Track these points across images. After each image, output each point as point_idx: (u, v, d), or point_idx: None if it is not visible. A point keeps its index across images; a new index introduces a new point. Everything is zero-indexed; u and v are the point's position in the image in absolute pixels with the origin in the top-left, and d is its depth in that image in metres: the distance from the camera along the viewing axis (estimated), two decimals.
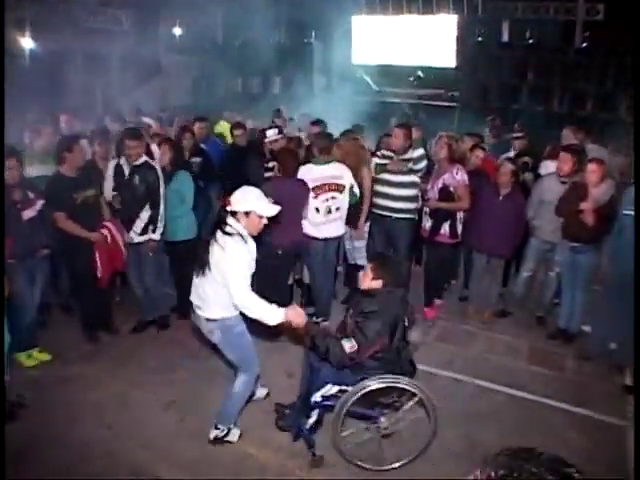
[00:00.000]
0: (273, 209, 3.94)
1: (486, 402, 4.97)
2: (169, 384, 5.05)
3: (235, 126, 7.71)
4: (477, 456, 3.70)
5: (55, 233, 5.29)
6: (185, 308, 5.75)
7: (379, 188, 6.38)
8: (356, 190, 6.07)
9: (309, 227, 5.91)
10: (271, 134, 6.93)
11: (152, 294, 6.02)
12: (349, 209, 6.09)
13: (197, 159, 6.92)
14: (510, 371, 5.45)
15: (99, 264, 5.59)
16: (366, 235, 6.60)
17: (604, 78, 16.33)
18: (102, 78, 20.04)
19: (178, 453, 4.20)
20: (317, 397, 4.07)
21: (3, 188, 4.03)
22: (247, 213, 3.87)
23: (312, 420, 4.24)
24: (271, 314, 3.71)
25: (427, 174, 6.36)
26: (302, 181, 5.69)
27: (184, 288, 5.24)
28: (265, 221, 3.96)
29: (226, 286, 3.77)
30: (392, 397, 4.00)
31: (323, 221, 5.87)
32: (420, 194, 6.38)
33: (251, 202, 3.88)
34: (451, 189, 6.04)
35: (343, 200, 5.94)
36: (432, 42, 18.69)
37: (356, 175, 6.19)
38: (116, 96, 16.78)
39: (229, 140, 8.15)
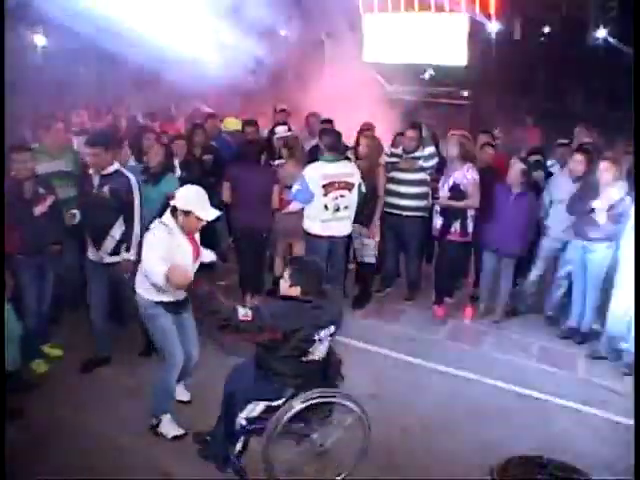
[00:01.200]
0: (212, 214, 4.04)
1: (496, 401, 4.95)
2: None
3: (247, 123, 7.71)
4: (487, 455, 3.68)
5: (67, 229, 5.31)
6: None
7: (389, 186, 6.38)
8: (363, 188, 6.06)
9: (313, 225, 5.91)
10: (280, 131, 6.95)
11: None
12: (360, 207, 6.09)
13: (209, 156, 6.94)
14: (520, 370, 5.44)
15: None
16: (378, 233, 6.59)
17: (618, 75, 16.20)
18: (113, 75, 20.11)
19: (188, 449, 4.21)
20: (242, 421, 3.68)
21: (3, 188, 4.02)
22: (187, 212, 3.96)
23: (239, 446, 3.79)
24: (157, 268, 3.80)
25: (438, 172, 6.36)
26: (269, 167, 6.00)
27: None
28: (203, 224, 4.08)
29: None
30: (325, 412, 3.73)
31: (330, 218, 5.86)
32: (431, 192, 6.38)
33: (193, 203, 3.97)
34: (462, 187, 6.03)
35: (352, 199, 5.94)
36: (443, 40, 18.60)
37: (372, 173, 6.21)
38: (127, 93, 16.78)
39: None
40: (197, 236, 4.29)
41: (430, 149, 6.36)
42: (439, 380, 5.24)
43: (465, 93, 18.47)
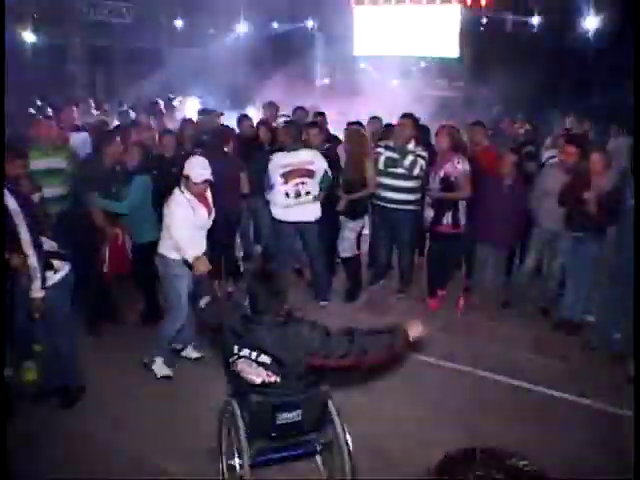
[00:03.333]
0: (201, 176, 4.67)
1: (488, 393, 4.95)
2: (174, 375, 5.06)
3: (242, 118, 7.73)
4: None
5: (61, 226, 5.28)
6: (154, 310, 5.85)
7: (382, 180, 6.36)
8: (329, 174, 6.27)
9: (277, 211, 6.28)
10: (279, 122, 7.05)
11: (62, 352, 4.58)
12: (332, 194, 6.37)
13: (198, 150, 6.91)
14: (513, 361, 5.43)
15: (107, 260, 5.73)
16: (358, 228, 6.67)
17: (609, 66, 16.22)
18: (104, 70, 20.03)
19: (182, 444, 4.20)
20: None
21: (3, 187, 3.96)
22: (187, 177, 4.69)
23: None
24: (189, 252, 4.48)
25: (429, 164, 6.34)
26: (235, 158, 6.61)
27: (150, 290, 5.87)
28: (202, 187, 4.75)
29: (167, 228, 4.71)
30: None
31: (292, 204, 6.15)
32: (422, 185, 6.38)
33: (190, 169, 4.70)
34: (452, 179, 6.03)
35: (314, 184, 6.18)
36: (435, 32, 18.56)
37: (358, 165, 6.25)
38: (118, 88, 16.75)
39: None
40: (208, 195, 4.97)
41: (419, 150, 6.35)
42: (432, 372, 5.24)
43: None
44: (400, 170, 6.23)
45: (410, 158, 6.17)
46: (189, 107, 9.14)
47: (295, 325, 3.31)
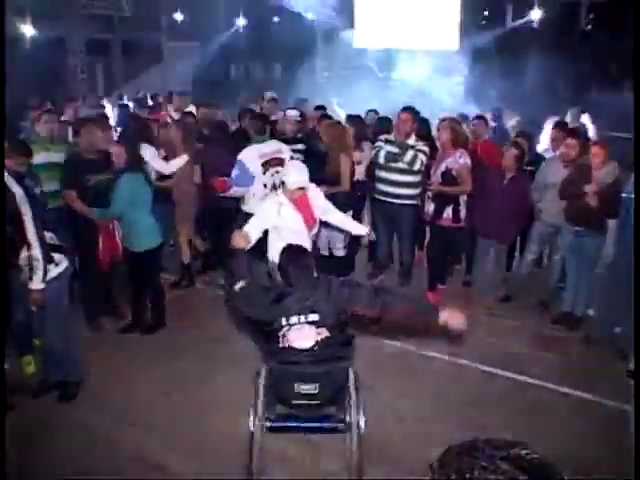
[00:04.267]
0: (294, 184, 4.66)
1: (489, 387, 4.96)
2: (173, 371, 5.05)
3: (243, 113, 7.75)
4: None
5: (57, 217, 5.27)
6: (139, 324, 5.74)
7: (383, 174, 6.34)
8: None
9: (255, 205, 5.92)
10: (292, 114, 6.96)
11: (60, 347, 4.53)
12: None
13: (200, 145, 6.91)
14: (514, 356, 5.43)
15: (101, 246, 5.61)
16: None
17: (608, 60, 16.18)
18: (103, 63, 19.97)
19: (182, 440, 4.20)
20: None
21: (3, 187, 3.95)
22: (283, 182, 4.84)
23: None
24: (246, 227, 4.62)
25: (430, 158, 6.32)
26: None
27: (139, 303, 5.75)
28: (296, 194, 4.73)
29: None
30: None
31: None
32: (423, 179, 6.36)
33: (286, 174, 4.79)
34: (454, 173, 6.01)
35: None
36: (435, 25, 18.51)
37: (335, 160, 6.25)
38: (117, 82, 16.70)
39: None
40: (315, 205, 4.91)
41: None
42: (433, 367, 5.23)
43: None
44: (401, 165, 6.20)
45: (411, 153, 6.13)
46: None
47: (326, 281, 3.65)
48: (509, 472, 1.51)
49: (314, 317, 3.52)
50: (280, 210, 4.75)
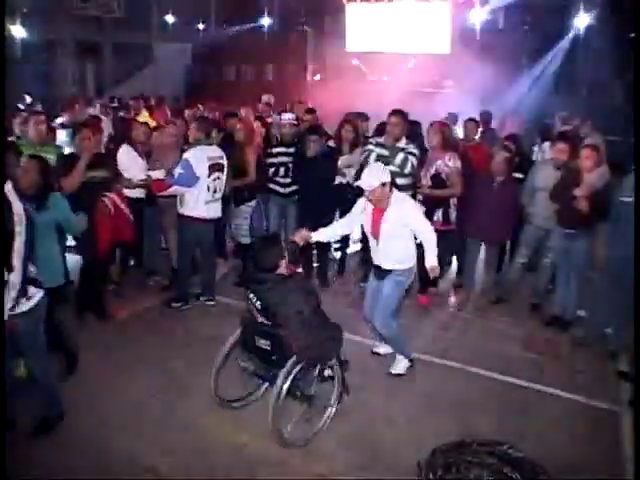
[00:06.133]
0: (368, 186, 4.67)
1: (481, 389, 4.96)
2: (162, 373, 5.03)
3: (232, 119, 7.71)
4: None
5: None
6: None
7: None
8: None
9: (196, 207, 5.96)
10: (287, 118, 6.93)
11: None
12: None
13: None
14: (505, 358, 5.44)
15: (99, 233, 5.54)
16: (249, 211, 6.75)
17: (600, 64, 16.25)
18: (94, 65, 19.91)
19: (172, 442, 4.19)
20: None
21: (3, 184, 3.90)
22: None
23: None
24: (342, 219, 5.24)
25: (420, 161, 6.33)
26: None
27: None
28: (376, 196, 4.70)
29: None
30: None
31: (211, 200, 6.03)
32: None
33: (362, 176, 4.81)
34: (443, 176, 6.03)
35: (224, 180, 6.17)
36: (426, 29, 18.57)
37: (241, 152, 6.54)
38: (109, 84, 16.66)
39: None
40: (388, 209, 4.73)
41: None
42: (424, 369, 5.24)
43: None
44: (391, 167, 6.19)
45: (401, 155, 6.14)
46: None
47: (291, 284, 4.04)
48: (495, 465, 1.54)
49: (258, 305, 4.09)
50: (365, 208, 4.87)
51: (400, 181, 6.23)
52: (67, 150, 6.64)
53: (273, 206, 7.01)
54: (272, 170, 6.84)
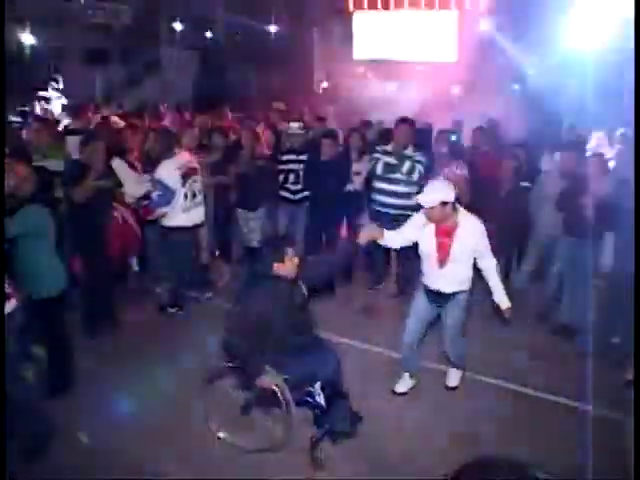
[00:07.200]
0: (425, 203, 4.32)
1: (486, 398, 4.96)
2: (171, 378, 5.02)
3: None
4: (478, 452, 3.68)
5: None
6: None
7: (380, 185, 6.35)
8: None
9: (176, 216, 5.98)
10: (295, 127, 6.96)
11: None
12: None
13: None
14: (511, 366, 5.44)
15: (111, 240, 5.65)
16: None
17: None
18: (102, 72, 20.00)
19: (180, 448, 4.19)
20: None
21: (3, 185, 3.94)
22: None
23: None
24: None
25: (427, 169, 6.34)
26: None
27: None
28: (435, 213, 4.32)
29: None
30: None
31: (190, 206, 6.04)
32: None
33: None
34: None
35: (200, 182, 6.19)
36: (433, 37, 18.64)
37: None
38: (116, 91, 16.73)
39: None
40: (458, 228, 4.33)
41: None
42: (430, 376, 5.23)
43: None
44: (398, 175, 6.23)
45: (408, 163, 6.16)
46: None
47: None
48: None
49: None
50: (425, 225, 4.40)
51: (407, 189, 6.25)
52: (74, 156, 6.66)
53: (282, 212, 7.05)
54: (282, 177, 6.87)
